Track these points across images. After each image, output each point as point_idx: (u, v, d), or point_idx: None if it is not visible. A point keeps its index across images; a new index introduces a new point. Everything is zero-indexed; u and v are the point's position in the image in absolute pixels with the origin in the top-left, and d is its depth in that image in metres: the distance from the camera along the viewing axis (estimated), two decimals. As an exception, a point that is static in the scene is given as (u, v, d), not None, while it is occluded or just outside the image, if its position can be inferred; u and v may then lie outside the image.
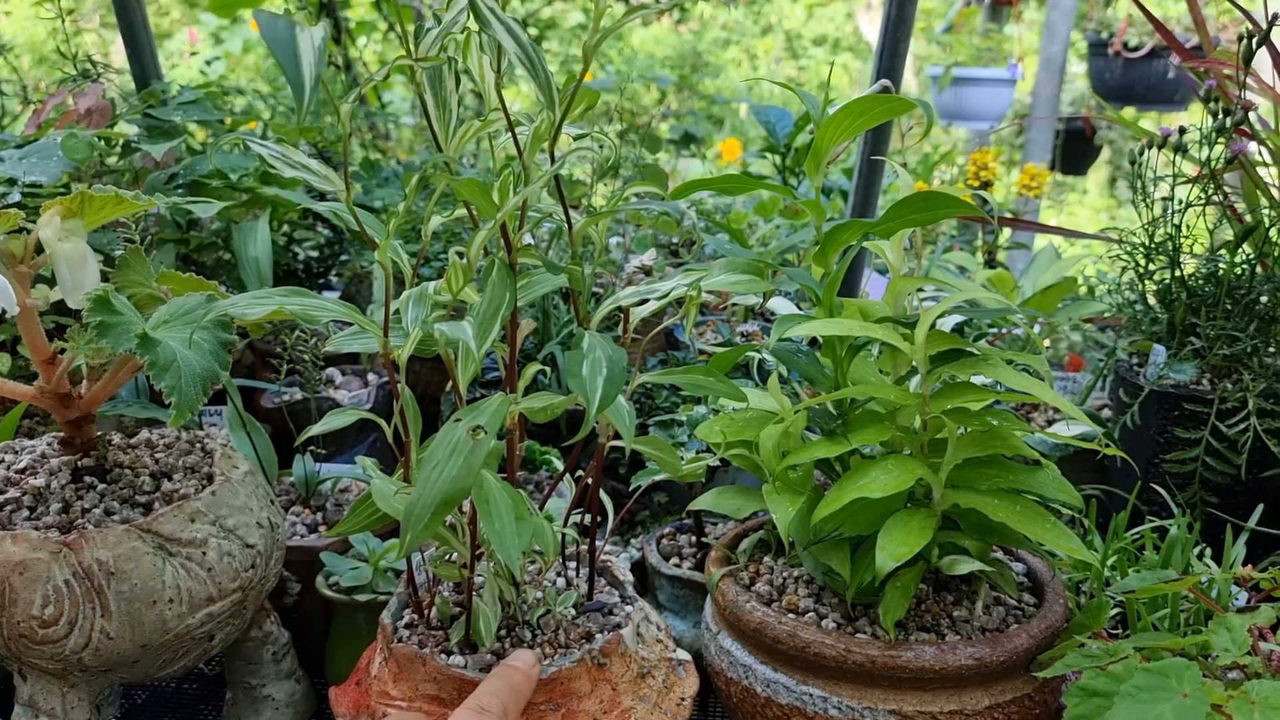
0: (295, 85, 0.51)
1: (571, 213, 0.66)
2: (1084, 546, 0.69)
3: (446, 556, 0.71)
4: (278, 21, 0.52)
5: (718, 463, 0.80)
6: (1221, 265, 1.06)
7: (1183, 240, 1.08)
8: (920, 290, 0.84)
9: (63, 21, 1.37)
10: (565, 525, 0.75)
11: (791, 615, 0.73)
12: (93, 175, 1.24)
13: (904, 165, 1.62)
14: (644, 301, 0.69)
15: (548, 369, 0.81)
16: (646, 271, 1.21)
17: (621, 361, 0.56)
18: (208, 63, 2.86)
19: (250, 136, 0.62)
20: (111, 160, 1.33)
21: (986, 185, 1.82)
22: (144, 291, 0.77)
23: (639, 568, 1.00)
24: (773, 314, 1.28)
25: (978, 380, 0.88)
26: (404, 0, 2.65)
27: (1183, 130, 1.06)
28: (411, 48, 0.58)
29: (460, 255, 0.61)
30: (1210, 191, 1.07)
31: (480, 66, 0.63)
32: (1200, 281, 1.07)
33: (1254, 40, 1.00)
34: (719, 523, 1.03)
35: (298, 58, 0.51)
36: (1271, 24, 0.98)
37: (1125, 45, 3.43)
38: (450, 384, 0.65)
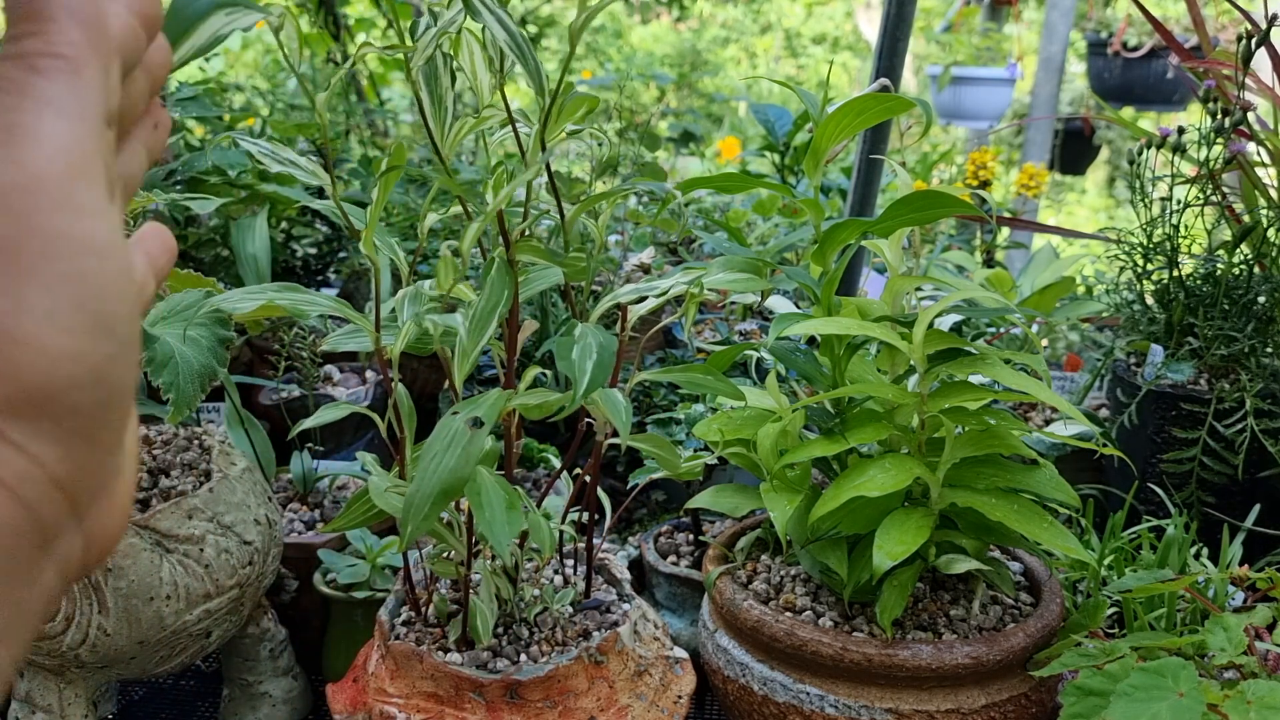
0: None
1: (568, 207, 0.66)
2: (1081, 546, 0.69)
3: (444, 554, 0.71)
4: None
5: (715, 461, 0.80)
6: (1219, 265, 1.06)
7: (1181, 240, 1.08)
8: (918, 289, 0.84)
9: (61, 17, 1.37)
10: (563, 523, 0.75)
11: (788, 613, 0.73)
12: (91, 171, 1.24)
13: (903, 164, 1.62)
14: (642, 299, 0.69)
15: (547, 372, 0.81)
16: (645, 269, 1.22)
17: (612, 348, 0.56)
18: (206, 59, 2.86)
19: (241, 134, 0.62)
20: (109, 156, 1.32)
21: (985, 184, 1.82)
22: (142, 288, 0.77)
23: (636, 565, 1.00)
24: (771, 312, 1.28)
25: (975, 379, 0.88)
26: (403, -3, 2.65)
27: (1181, 130, 1.06)
28: (407, 43, 0.58)
29: (455, 254, 0.61)
30: (1208, 192, 1.07)
31: (472, 64, 0.63)
32: (1198, 281, 1.07)
33: (1253, 41, 1.00)
34: (716, 521, 1.03)
35: None
36: (1270, 24, 0.98)
37: (1124, 45, 3.42)
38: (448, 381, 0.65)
